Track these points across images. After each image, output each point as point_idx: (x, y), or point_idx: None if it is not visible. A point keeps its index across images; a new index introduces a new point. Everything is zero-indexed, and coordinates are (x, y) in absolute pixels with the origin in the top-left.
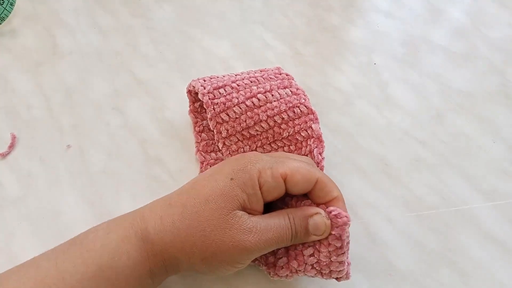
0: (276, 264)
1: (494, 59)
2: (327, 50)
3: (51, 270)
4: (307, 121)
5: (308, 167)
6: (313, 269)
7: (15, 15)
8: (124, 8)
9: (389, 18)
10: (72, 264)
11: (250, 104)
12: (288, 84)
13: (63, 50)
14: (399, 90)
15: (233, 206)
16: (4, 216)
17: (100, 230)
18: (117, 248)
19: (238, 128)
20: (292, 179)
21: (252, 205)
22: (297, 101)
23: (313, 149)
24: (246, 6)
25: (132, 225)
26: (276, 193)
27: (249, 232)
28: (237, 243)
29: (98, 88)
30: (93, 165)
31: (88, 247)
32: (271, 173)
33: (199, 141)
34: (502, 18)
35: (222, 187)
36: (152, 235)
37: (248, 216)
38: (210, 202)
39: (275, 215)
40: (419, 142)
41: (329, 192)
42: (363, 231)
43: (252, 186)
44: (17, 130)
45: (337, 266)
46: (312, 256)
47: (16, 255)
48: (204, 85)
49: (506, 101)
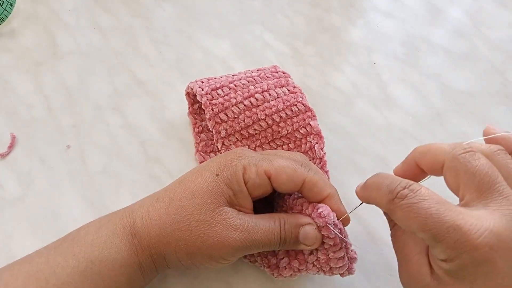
0: (278, 265)
1: (494, 59)
2: (327, 50)
3: (43, 265)
4: (305, 119)
5: (295, 167)
6: (314, 267)
7: (15, 15)
8: (124, 8)
9: (389, 18)
10: (63, 258)
11: (248, 103)
12: (285, 83)
13: (63, 50)
14: (399, 90)
15: (220, 202)
16: (3, 216)
17: (91, 226)
18: (107, 242)
19: (237, 128)
20: (277, 179)
21: (239, 201)
22: (294, 100)
23: (314, 145)
24: (246, 6)
25: (121, 220)
26: (262, 190)
27: (235, 230)
28: (222, 239)
29: (98, 88)
30: (93, 165)
31: (79, 243)
32: (255, 170)
33: (198, 142)
34: (502, 18)
35: (208, 183)
36: (140, 229)
37: (236, 213)
38: (196, 197)
39: (267, 218)
40: (419, 142)
41: (319, 192)
42: (363, 231)
43: (238, 182)
44: (17, 130)
45: (336, 263)
46: (312, 255)
47: (15, 255)
48: (202, 87)
49: (506, 101)
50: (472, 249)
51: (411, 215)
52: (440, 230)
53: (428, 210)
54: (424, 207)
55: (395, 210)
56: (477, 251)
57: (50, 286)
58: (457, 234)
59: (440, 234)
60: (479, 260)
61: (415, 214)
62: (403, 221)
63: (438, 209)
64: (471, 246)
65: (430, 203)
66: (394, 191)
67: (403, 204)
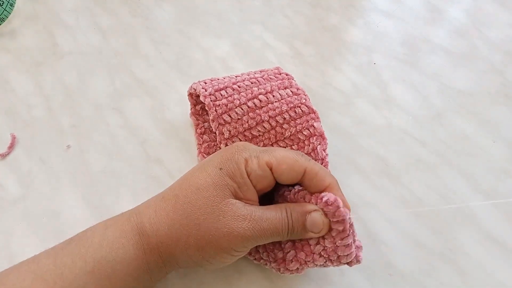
0: (285, 258)
1: (494, 59)
2: (327, 50)
3: (50, 266)
4: (308, 120)
5: (295, 157)
6: (321, 257)
7: (15, 15)
8: (124, 8)
9: (389, 18)
10: (70, 259)
11: (252, 105)
12: (288, 85)
13: (63, 50)
14: (399, 90)
15: (225, 195)
16: (4, 216)
17: (98, 227)
18: (114, 243)
19: (240, 129)
20: (278, 169)
21: (244, 193)
22: (298, 101)
23: (317, 146)
24: (246, 6)
25: (128, 221)
26: (266, 183)
27: (243, 219)
28: (231, 230)
29: (98, 88)
30: (93, 165)
31: (86, 243)
32: (257, 162)
33: (201, 143)
34: (502, 18)
35: (213, 177)
36: (148, 228)
37: (243, 204)
38: (201, 191)
39: (273, 208)
40: (419, 142)
41: (320, 181)
42: (363, 231)
43: (241, 175)
44: (17, 130)
45: (343, 250)
46: (318, 244)
47: (16, 255)
48: (206, 87)
49: (506, 101)
50: None
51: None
52: None
53: None
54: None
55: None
56: None
57: (57, 287)
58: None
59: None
60: None
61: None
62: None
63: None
64: None
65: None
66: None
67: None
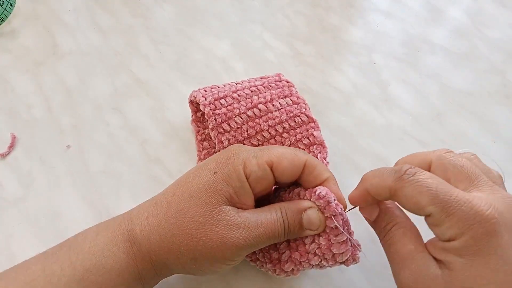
0: (280, 259)
1: (494, 59)
2: (327, 50)
3: (38, 273)
4: (308, 129)
5: (294, 152)
6: (316, 256)
7: (15, 15)
8: (124, 8)
9: (389, 18)
10: (59, 267)
11: (251, 114)
12: (288, 93)
13: (63, 50)
14: (399, 90)
15: (219, 201)
16: (4, 216)
17: (89, 232)
18: (104, 250)
19: (239, 138)
20: (279, 166)
21: (240, 198)
22: (298, 111)
23: (317, 155)
24: (246, 6)
25: (120, 227)
26: (265, 183)
27: (237, 228)
28: (225, 240)
29: (98, 88)
30: (93, 165)
31: (76, 250)
32: (256, 162)
33: (201, 150)
34: (502, 18)
35: (206, 182)
36: (139, 236)
37: (236, 211)
38: (194, 198)
39: (267, 209)
40: (419, 142)
41: (319, 175)
42: (363, 231)
43: (238, 178)
44: (17, 130)
45: (338, 248)
46: (313, 243)
47: (15, 255)
48: (205, 96)
49: (506, 101)
50: (484, 220)
51: (422, 189)
52: (450, 203)
53: (438, 185)
54: (434, 182)
55: (404, 186)
56: (488, 222)
57: None
58: (467, 207)
59: (451, 207)
60: (490, 230)
61: (425, 188)
62: (412, 197)
63: (446, 186)
64: (482, 217)
65: (438, 181)
66: (401, 170)
67: (413, 179)
